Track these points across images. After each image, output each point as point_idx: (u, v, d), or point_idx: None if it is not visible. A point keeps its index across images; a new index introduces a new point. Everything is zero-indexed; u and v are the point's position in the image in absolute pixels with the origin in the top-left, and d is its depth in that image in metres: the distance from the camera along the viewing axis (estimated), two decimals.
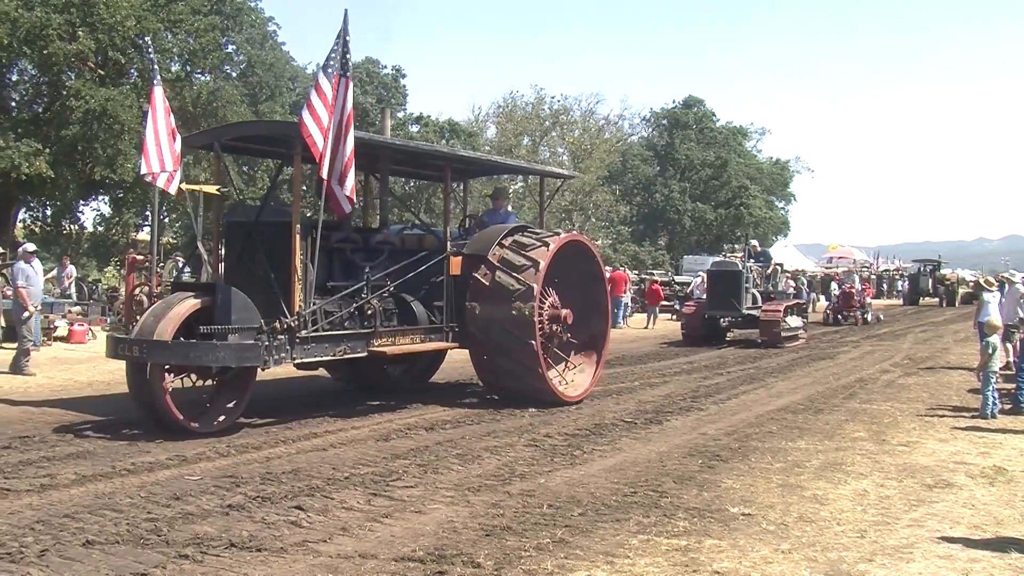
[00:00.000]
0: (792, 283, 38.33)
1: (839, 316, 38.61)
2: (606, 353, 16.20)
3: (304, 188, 11.07)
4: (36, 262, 18.21)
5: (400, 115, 54.37)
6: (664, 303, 37.84)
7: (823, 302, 48.06)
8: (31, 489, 8.45)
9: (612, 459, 10.38)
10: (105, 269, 43.19)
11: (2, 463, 9.45)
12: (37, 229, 38.20)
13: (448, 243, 14.38)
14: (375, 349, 13.04)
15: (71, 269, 27.52)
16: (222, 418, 11.60)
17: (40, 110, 34.15)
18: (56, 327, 22.33)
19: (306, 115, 11.26)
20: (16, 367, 16.52)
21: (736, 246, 30.43)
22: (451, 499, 8.39)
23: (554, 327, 14.66)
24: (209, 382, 12.00)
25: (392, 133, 38.29)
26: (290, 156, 12.60)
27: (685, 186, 72.63)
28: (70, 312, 24.22)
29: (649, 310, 35.39)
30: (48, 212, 39.08)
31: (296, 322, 11.74)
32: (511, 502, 8.30)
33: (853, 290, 39.49)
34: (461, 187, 18.64)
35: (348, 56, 11.61)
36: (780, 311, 26.21)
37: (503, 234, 14.51)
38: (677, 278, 46.19)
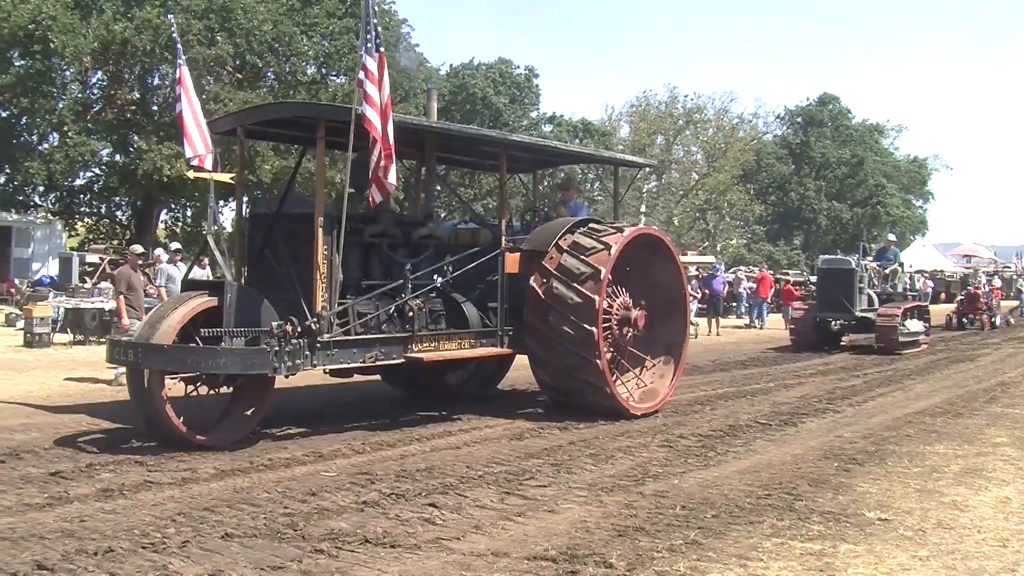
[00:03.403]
0: (930, 284, 37.21)
1: (963, 319, 35.74)
2: (684, 359, 14.72)
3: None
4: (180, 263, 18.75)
5: (533, 115, 54.52)
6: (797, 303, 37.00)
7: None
8: (173, 482, 8.71)
9: (746, 461, 10.25)
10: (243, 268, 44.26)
11: (146, 456, 9.76)
12: (178, 230, 39.39)
13: (503, 238, 13.17)
14: (412, 355, 11.81)
15: (209, 271, 28.24)
16: (235, 431, 10.69)
17: None
18: None
19: (366, 107, 10.47)
20: None
21: (872, 245, 29.48)
22: (584, 499, 8.37)
23: (624, 330, 13.57)
24: (225, 390, 11.10)
25: (525, 133, 38.29)
26: (313, 141, 11.76)
27: (820, 185, 71.82)
28: None
29: (783, 310, 34.97)
30: (188, 213, 40.22)
31: (317, 324, 10.66)
32: (644, 503, 8.26)
33: (979, 291, 36.38)
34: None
35: (379, 29, 10.87)
36: (898, 314, 24.17)
37: (564, 229, 13.27)
38: (812, 278, 45.47)
